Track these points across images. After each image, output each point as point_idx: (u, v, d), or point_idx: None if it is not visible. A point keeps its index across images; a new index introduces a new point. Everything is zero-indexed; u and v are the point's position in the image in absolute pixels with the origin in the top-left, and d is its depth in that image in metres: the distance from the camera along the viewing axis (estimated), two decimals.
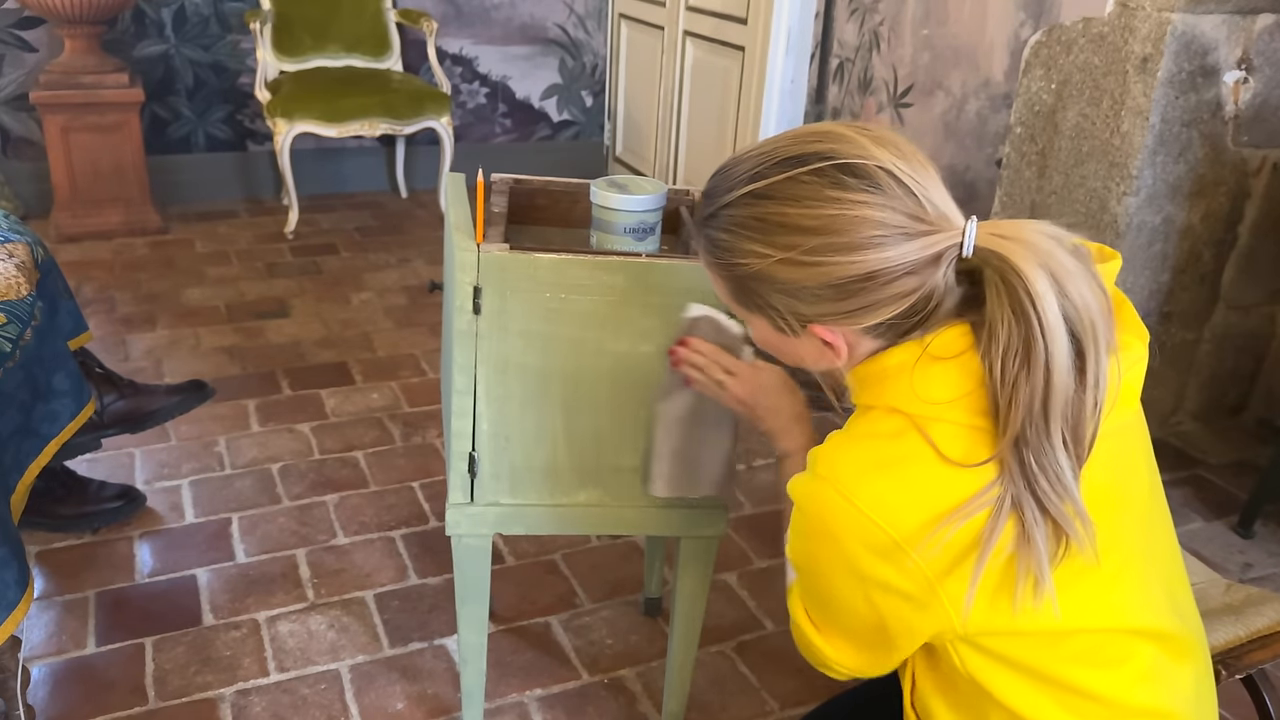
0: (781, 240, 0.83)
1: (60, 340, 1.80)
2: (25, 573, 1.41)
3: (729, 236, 0.87)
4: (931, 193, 0.83)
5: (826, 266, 0.82)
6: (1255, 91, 2.33)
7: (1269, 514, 2.24)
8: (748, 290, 0.89)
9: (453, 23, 4.19)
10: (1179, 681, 0.94)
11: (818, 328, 0.87)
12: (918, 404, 0.84)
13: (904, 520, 0.82)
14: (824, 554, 0.88)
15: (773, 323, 0.90)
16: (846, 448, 0.87)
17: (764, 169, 0.85)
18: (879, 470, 0.84)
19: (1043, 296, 0.77)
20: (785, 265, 0.83)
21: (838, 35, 3.28)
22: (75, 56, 3.49)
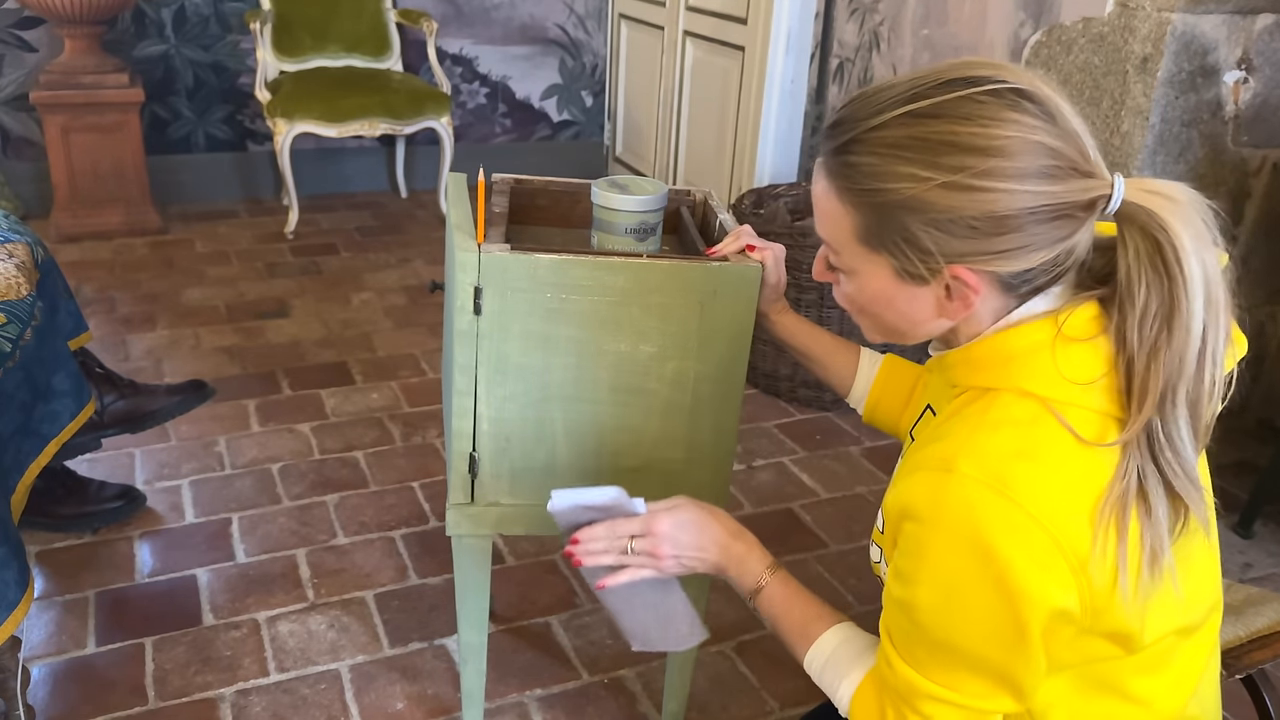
0: (948, 161, 0.77)
1: (60, 340, 1.80)
2: (25, 572, 1.41)
3: (877, 160, 0.79)
4: (1091, 139, 0.80)
5: (993, 194, 0.76)
6: (1255, 91, 2.33)
7: (1269, 514, 2.24)
8: (888, 223, 0.80)
9: (453, 23, 4.19)
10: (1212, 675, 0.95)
11: (959, 269, 0.80)
12: (1054, 387, 0.80)
13: (1057, 512, 0.77)
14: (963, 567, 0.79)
15: (900, 266, 0.82)
16: (986, 436, 0.80)
17: (925, 90, 0.79)
18: (1025, 459, 0.78)
19: (1189, 254, 0.75)
20: (946, 190, 0.77)
21: (838, 35, 3.28)
22: (75, 56, 3.49)
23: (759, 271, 1.26)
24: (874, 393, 1.26)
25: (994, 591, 0.78)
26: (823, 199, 0.85)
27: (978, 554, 0.77)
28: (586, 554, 1.07)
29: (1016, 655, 0.81)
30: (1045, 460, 0.78)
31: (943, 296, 0.84)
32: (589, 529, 1.08)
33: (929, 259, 0.81)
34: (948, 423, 0.85)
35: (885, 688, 0.89)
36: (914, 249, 0.81)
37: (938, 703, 0.85)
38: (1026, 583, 0.77)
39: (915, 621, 0.84)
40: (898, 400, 1.24)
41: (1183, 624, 0.88)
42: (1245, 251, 2.50)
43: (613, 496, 1.08)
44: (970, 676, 0.83)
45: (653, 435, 1.35)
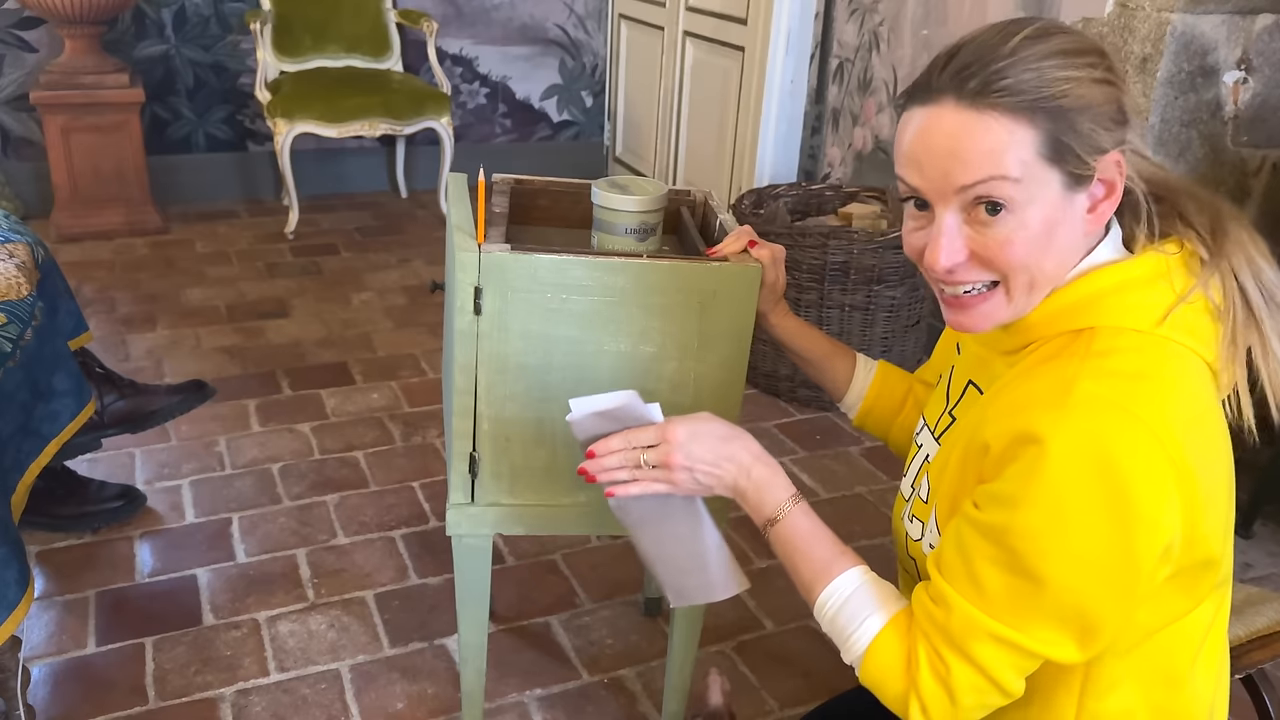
0: (1086, 60, 0.85)
1: (61, 340, 1.80)
2: (25, 572, 1.41)
3: (1034, 75, 0.83)
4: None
5: (1118, 86, 0.86)
6: (1255, 92, 2.33)
7: (1269, 514, 2.24)
8: (1063, 127, 0.83)
9: (453, 23, 4.19)
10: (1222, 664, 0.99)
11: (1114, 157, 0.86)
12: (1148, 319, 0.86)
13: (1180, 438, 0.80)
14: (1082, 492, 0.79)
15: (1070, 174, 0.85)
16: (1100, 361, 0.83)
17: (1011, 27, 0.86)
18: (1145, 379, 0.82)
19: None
20: (1096, 85, 0.84)
21: (837, 35, 3.28)
22: (75, 57, 3.49)
23: (759, 272, 1.26)
24: (868, 399, 1.28)
25: (1108, 511, 0.78)
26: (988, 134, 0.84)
27: (1102, 472, 0.78)
28: (600, 469, 1.04)
29: (1108, 587, 0.81)
30: (1162, 382, 0.82)
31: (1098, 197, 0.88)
32: (605, 441, 1.04)
33: (1095, 154, 0.85)
34: (1043, 365, 0.87)
35: (925, 633, 0.87)
36: (1085, 146, 0.84)
37: (997, 643, 0.83)
38: (1143, 506, 0.78)
39: (1007, 546, 0.82)
40: (890, 407, 1.27)
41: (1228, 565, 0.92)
42: None
43: (625, 399, 1.03)
44: (1042, 617, 0.82)
45: None
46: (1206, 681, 0.95)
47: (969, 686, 0.84)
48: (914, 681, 0.86)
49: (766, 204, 2.87)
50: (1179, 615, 0.89)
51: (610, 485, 1.05)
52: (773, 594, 1.97)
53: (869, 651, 0.90)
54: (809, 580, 0.96)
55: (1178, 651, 0.91)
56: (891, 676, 0.88)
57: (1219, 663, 0.97)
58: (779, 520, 0.98)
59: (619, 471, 1.03)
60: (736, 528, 2.15)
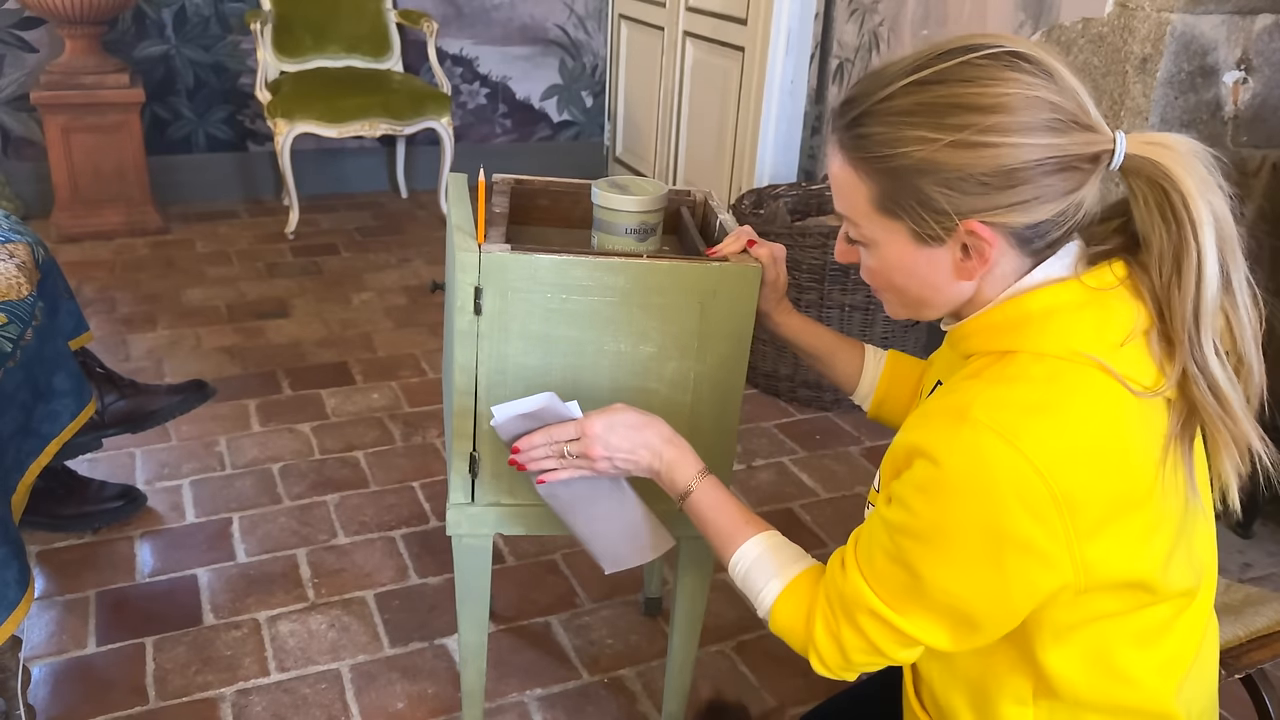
0: (953, 121, 0.81)
1: (61, 340, 1.80)
2: (26, 572, 1.41)
3: (888, 129, 0.83)
4: (1090, 98, 0.84)
5: (998, 149, 0.80)
6: (1254, 92, 2.33)
7: (1269, 514, 2.24)
8: (901, 187, 0.84)
9: (453, 23, 4.19)
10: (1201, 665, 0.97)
11: (973, 223, 0.83)
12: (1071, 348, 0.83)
13: (1066, 469, 0.79)
14: (961, 511, 0.82)
15: (917, 228, 0.85)
16: (1000, 390, 0.83)
17: (927, 61, 0.83)
18: (1040, 412, 0.81)
19: (1194, 198, 0.79)
20: (954, 149, 0.81)
21: (837, 36, 3.28)
22: (76, 57, 3.49)
23: (758, 272, 1.26)
24: (880, 389, 1.27)
25: (986, 536, 0.81)
26: (839, 173, 0.88)
27: (980, 498, 0.80)
28: (528, 460, 1.12)
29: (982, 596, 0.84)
30: (1059, 415, 0.81)
31: (960, 257, 0.86)
32: (528, 436, 1.12)
33: (943, 218, 0.84)
34: (963, 383, 0.88)
35: (826, 592, 0.94)
36: (928, 210, 0.84)
37: (877, 619, 0.88)
38: (1019, 535, 0.80)
39: (896, 543, 0.86)
40: (904, 396, 1.25)
41: (1191, 583, 0.90)
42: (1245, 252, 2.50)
43: (545, 401, 1.11)
44: (918, 606, 0.87)
45: None
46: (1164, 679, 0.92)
47: (856, 647, 0.91)
48: (810, 635, 0.94)
49: (766, 204, 2.87)
50: (1109, 615, 0.88)
51: (539, 474, 1.14)
52: None
53: (773, 609, 0.98)
54: (719, 546, 1.05)
55: (1115, 642, 0.89)
56: (794, 630, 0.97)
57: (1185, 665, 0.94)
58: (690, 493, 1.07)
59: (546, 460, 1.12)
60: None
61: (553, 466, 1.12)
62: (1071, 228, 0.85)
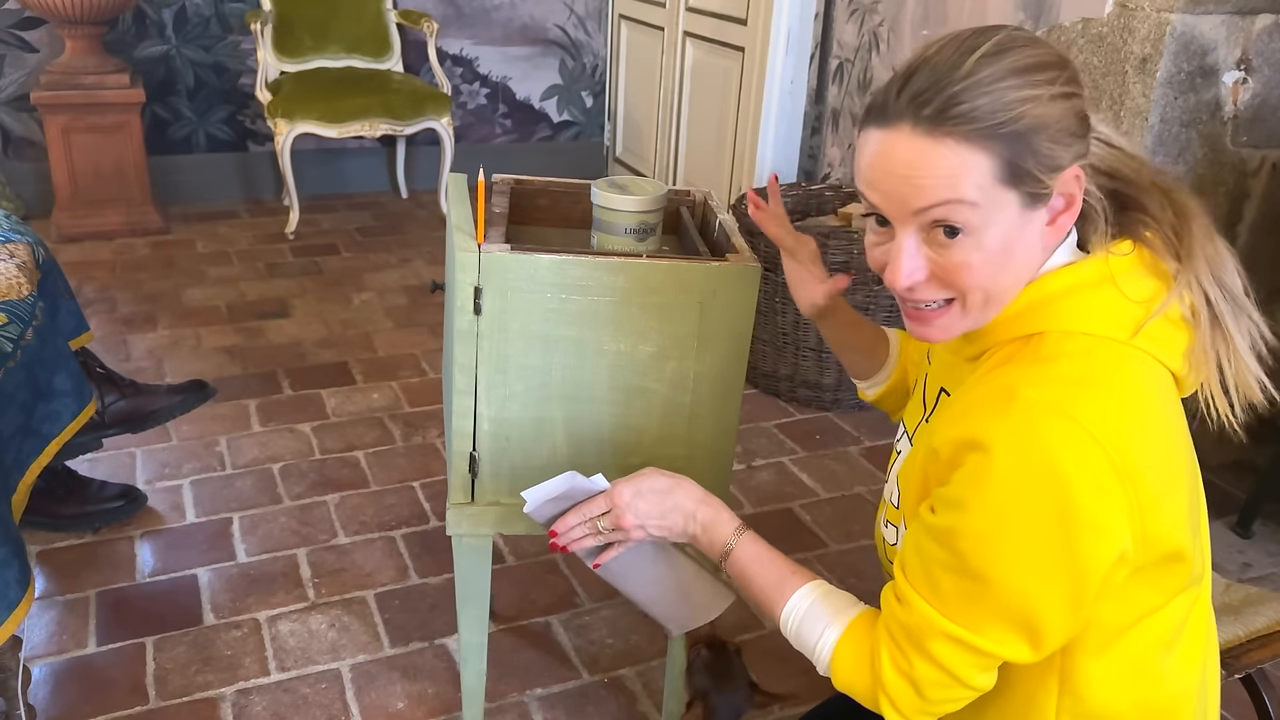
0: (1044, 77, 0.83)
1: (61, 340, 1.80)
2: (26, 572, 1.41)
3: (990, 99, 0.82)
4: None
5: (1077, 97, 0.86)
6: (1254, 92, 2.33)
7: (1268, 514, 2.24)
8: (1021, 149, 0.83)
9: (453, 23, 4.20)
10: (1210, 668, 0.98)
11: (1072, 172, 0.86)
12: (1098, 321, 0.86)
13: (1123, 442, 0.80)
14: (1024, 496, 0.80)
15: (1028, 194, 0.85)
16: (1045, 367, 0.84)
17: (972, 40, 0.84)
18: (1088, 385, 0.82)
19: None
20: (1055, 101, 0.84)
21: (837, 36, 3.28)
22: (76, 57, 3.49)
23: (758, 272, 1.26)
24: (895, 375, 1.24)
25: (1051, 516, 0.79)
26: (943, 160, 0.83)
27: (1044, 477, 0.79)
28: (567, 541, 1.12)
29: (1056, 590, 0.81)
30: (1106, 387, 0.82)
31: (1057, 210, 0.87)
32: (562, 519, 1.12)
33: (1049, 173, 0.85)
34: (996, 371, 0.88)
35: (889, 629, 0.89)
36: (1044, 167, 0.84)
37: (952, 642, 0.85)
38: (1086, 510, 0.79)
39: (955, 550, 0.83)
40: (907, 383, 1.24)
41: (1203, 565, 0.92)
42: (1245, 251, 2.50)
43: (569, 480, 1.11)
44: (993, 617, 0.83)
45: (653, 435, 1.36)
46: (1186, 677, 0.94)
47: (932, 681, 0.86)
48: (879, 679, 0.89)
49: None
50: (1149, 611, 0.89)
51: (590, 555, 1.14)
52: None
53: (833, 661, 0.94)
54: (767, 603, 1.01)
55: (1150, 648, 0.90)
56: (859, 678, 0.92)
57: (1200, 659, 0.96)
58: (730, 551, 1.04)
59: (586, 540, 1.11)
60: None
61: (592, 544, 1.12)
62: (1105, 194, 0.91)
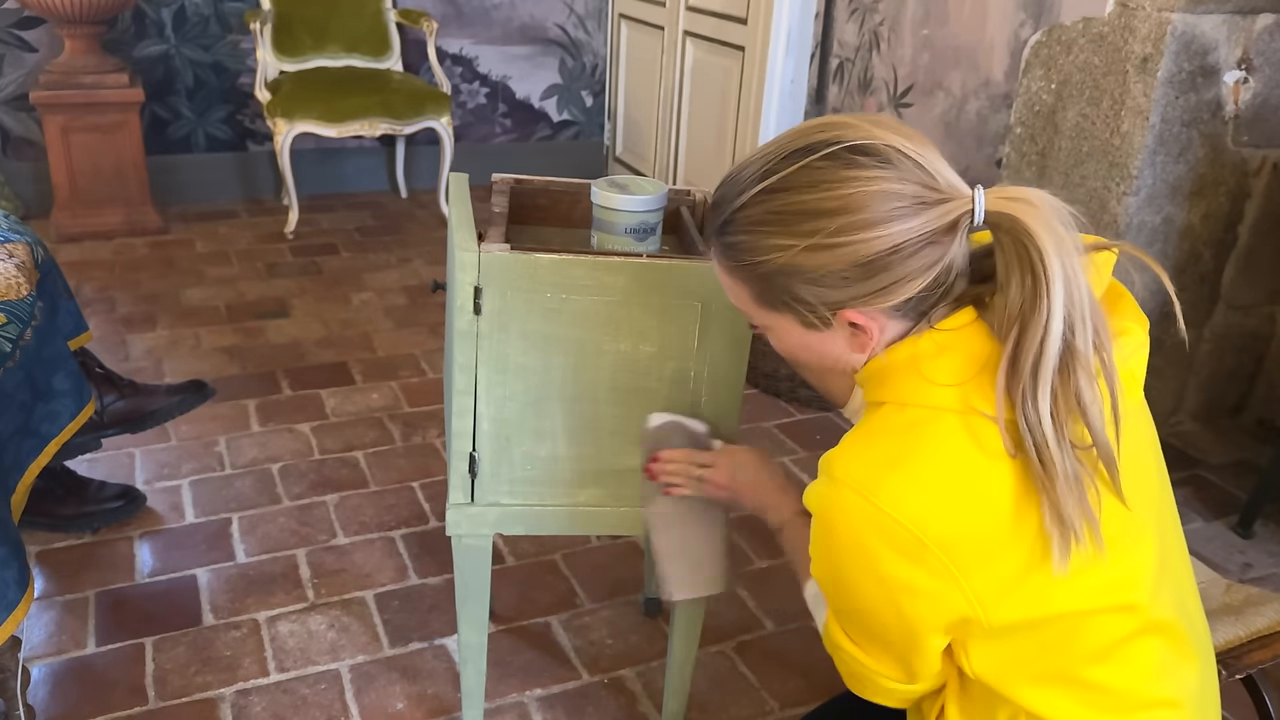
0: (804, 228, 0.84)
1: (60, 340, 1.80)
2: (25, 572, 1.41)
3: (749, 237, 0.87)
4: (939, 166, 0.85)
5: (852, 245, 0.83)
6: (1255, 91, 2.33)
7: (1269, 514, 2.24)
8: (774, 288, 0.88)
9: (453, 23, 4.19)
10: (1185, 677, 0.94)
11: (849, 312, 0.87)
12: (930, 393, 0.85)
13: (927, 516, 0.82)
14: (847, 562, 0.87)
15: (801, 319, 0.90)
16: (860, 446, 0.88)
17: (773, 165, 0.86)
18: (895, 466, 0.84)
19: (1050, 254, 0.80)
20: (811, 252, 0.84)
21: (838, 35, 3.28)
22: (75, 56, 3.48)
23: None
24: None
25: (878, 588, 0.86)
26: (719, 274, 0.95)
27: (858, 554, 0.86)
28: (661, 471, 1.29)
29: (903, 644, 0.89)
30: (915, 465, 0.84)
31: (848, 336, 0.90)
32: (669, 453, 1.29)
33: (819, 310, 0.88)
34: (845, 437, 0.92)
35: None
36: (803, 305, 0.88)
37: (851, 659, 0.95)
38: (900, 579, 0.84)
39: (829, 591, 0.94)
40: None
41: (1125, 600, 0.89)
42: (1245, 251, 2.50)
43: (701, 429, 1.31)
44: (874, 645, 0.93)
45: None
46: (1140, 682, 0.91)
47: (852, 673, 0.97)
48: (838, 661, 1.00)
49: None
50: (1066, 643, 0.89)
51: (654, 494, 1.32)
52: (772, 594, 1.97)
53: (824, 636, 1.02)
54: (800, 575, 1.12)
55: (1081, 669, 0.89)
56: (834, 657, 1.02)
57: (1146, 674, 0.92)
58: (782, 529, 1.20)
59: (675, 478, 1.29)
60: (737, 529, 2.15)
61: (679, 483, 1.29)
62: (948, 287, 0.87)
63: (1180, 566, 0.98)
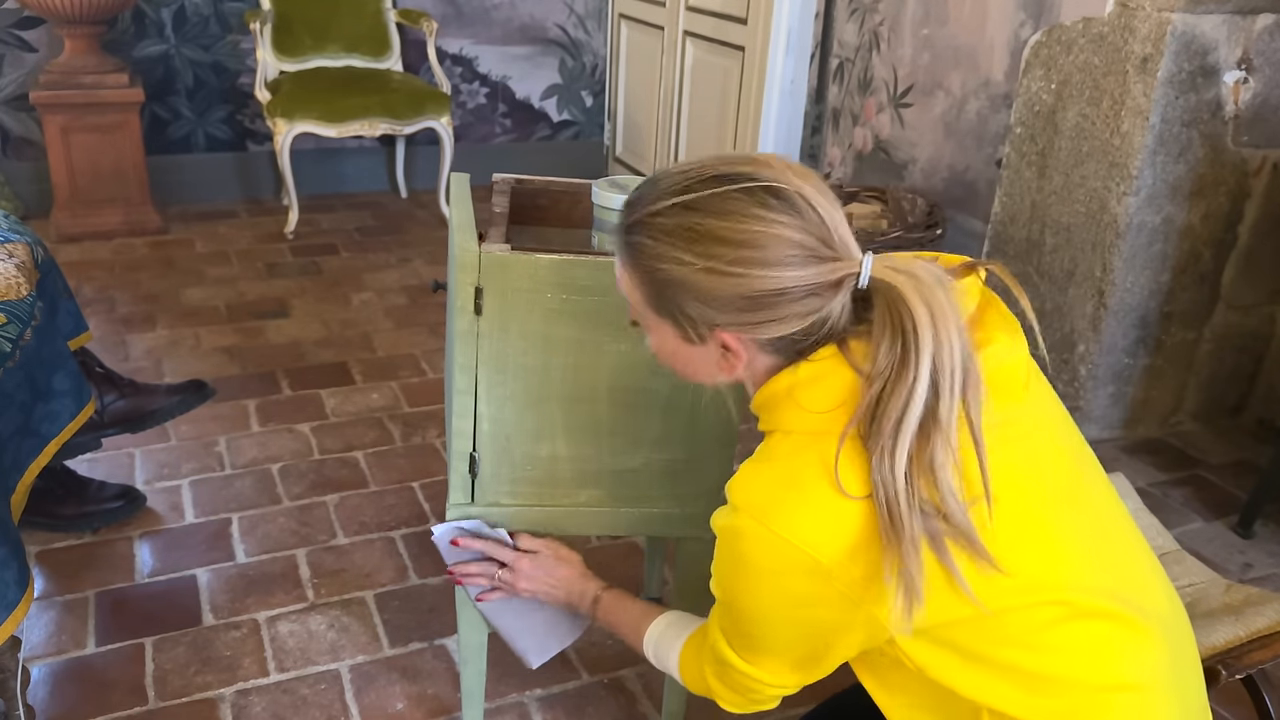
0: (706, 250, 0.89)
1: (60, 340, 1.80)
2: (25, 572, 1.41)
3: (654, 243, 0.92)
4: (839, 225, 0.90)
5: (744, 278, 0.88)
6: (1255, 91, 2.33)
7: (1269, 514, 2.24)
8: (664, 295, 0.93)
9: (453, 23, 4.19)
10: (1145, 661, 0.93)
11: (724, 334, 0.93)
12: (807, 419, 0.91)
13: (822, 538, 0.86)
14: (750, 583, 0.93)
15: (680, 330, 0.95)
16: (753, 474, 0.93)
17: (693, 184, 0.90)
18: (785, 491, 0.89)
19: (922, 328, 0.84)
20: (706, 274, 0.89)
21: (838, 35, 3.28)
22: (75, 56, 3.49)
23: None
24: None
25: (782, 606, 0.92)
26: (618, 267, 0.99)
27: (759, 576, 0.91)
28: (465, 575, 1.38)
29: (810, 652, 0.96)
30: (805, 490, 0.88)
31: (720, 355, 0.96)
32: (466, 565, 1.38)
33: (699, 326, 0.94)
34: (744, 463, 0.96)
35: (706, 651, 1.07)
36: (686, 318, 0.94)
37: (736, 671, 1.01)
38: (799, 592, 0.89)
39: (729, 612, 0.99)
40: None
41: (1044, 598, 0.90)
42: (1245, 251, 2.50)
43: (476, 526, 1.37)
44: (768, 658, 0.99)
45: (653, 435, 1.36)
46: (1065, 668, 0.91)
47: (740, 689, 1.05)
48: (709, 687, 1.08)
49: None
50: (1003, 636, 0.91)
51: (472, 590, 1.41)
52: None
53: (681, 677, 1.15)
54: (632, 640, 1.26)
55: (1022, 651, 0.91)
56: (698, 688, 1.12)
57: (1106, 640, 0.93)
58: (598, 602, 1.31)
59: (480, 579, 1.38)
60: None
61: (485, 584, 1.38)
62: (821, 336, 0.92)
63: (1123, 550, 0.98)
